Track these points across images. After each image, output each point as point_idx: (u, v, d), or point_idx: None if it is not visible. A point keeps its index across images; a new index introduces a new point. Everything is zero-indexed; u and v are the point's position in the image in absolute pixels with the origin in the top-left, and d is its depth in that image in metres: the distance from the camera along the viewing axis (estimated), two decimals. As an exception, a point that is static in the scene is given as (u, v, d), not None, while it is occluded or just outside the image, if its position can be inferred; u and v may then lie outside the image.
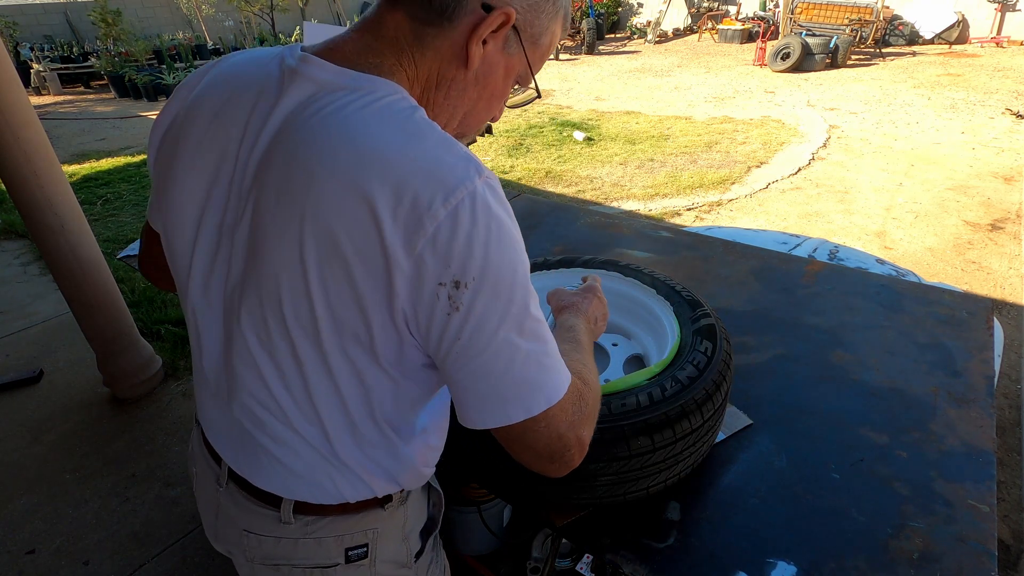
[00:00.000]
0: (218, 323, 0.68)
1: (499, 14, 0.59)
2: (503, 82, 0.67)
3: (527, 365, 0.56)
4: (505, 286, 0.54)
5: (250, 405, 0.68)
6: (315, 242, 0.54)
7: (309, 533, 0.74)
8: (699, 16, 13.12)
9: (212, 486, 0.81)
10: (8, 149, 2.18)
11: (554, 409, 0.58)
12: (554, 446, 0.59)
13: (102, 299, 2.56)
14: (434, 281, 0.52)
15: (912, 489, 0.96)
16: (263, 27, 14.55)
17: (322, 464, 0.69)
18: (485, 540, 1.57)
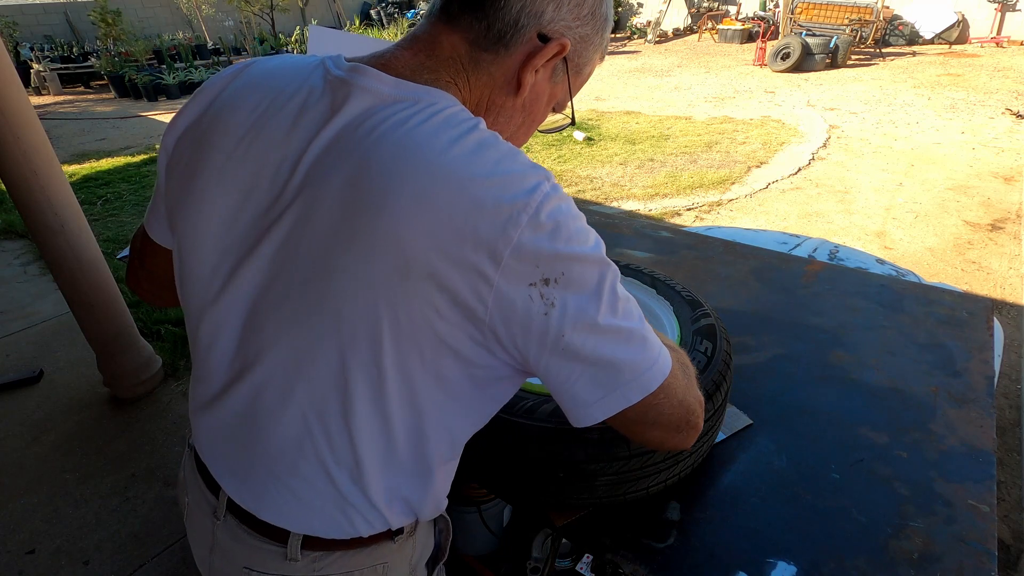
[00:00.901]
0: (236, 338, 0.63)
1: (555, 45, 0.60)
2: (545, 108, 0.68)
3: (631, 343, 0.56)
4: (591, 274, 0.54)
5: (269, 431, 0.63)
6: (390, 259, 0.52)
7: (317, 570, 0.69)
8: (699, 16, 13.12)
9: (208, 518, 0.74)
10: (8, 149, 2.18)
11: (669, 379, 0.58)
12: (678, 415, 0.60)
13: (102, 299, 2.56)
14: (525, 284, 0.52)
15: (912, 489, 0.96)
16: (263, 27, 14.55)
17: (339, 498, 0.65)
18: (485, 540, 1.57)
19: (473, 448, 0.95)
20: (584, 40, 0.64)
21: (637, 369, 0.56)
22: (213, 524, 0.73)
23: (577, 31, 0.62)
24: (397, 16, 16.60)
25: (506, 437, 0.88)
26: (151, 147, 7.49)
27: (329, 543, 0.68)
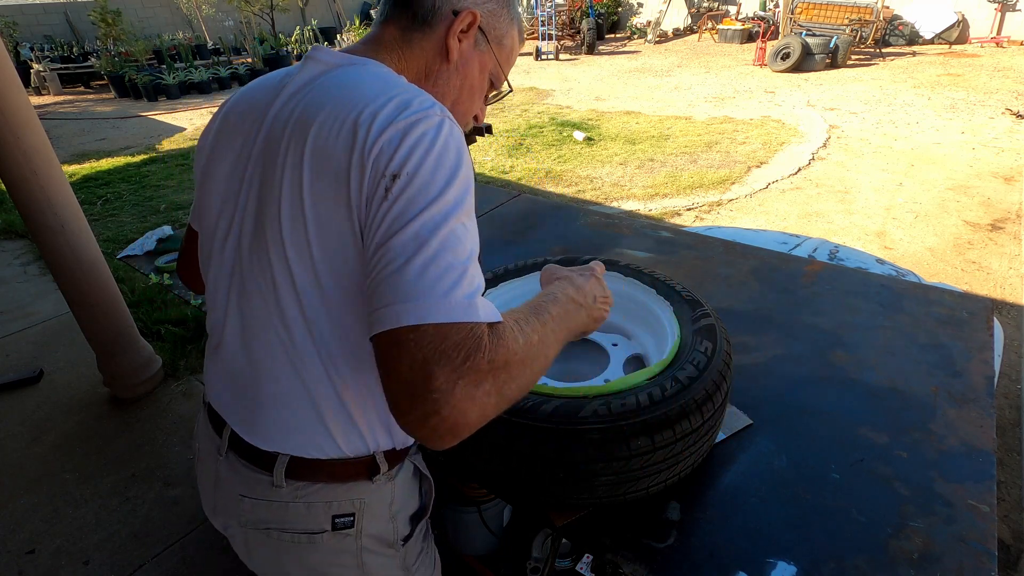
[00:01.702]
0: (228, 277, 0.76)
1: (466, 13, 0.75)
2: (479, 75, 0.81)
3: (427, 268, 0.55)
4: (435, 188, 0.59)
5: (253, 349, 0.74)
6: (311, 164, 0.64)
7: (299, 497, 0.77)
8: (699, 16, 13.11)
9: (213, 457, 0.84)
10: (8, 149, 2.18)
11: (430, 329, 0.53)
12: (416, 377, 0.52)
13: (102, 299, 2.56)
14: (379, 175, 0.59)
15: (912, 489, 0.96)
16: (263, 27, 14.55)
17: (315, 413, 0.73)
18: (485, 540, 1.57)
19: (473, 448, 0.95)
20: (493, 14, 0.79)
21: (412, 295, 0.54)
22: (216, 462, 0.83)
23: (484, 7, 0.77)
24: (397, 16, 16.57)
25: (506, 437, 0.88)
26: (151, 147, 7.49)
27: (311, 473, 0.76)
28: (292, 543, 0.79)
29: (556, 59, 11.95)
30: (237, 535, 0.85)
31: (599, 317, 0.82)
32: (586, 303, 0.79)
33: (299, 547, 0.80)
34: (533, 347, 0.62)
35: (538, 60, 11.97)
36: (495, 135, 6.72)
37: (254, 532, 0.81)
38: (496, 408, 0.57)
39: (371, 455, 0.79)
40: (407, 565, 0.89)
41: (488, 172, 5.74)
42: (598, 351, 1.20)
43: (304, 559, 0.81)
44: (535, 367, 0.62)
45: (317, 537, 0.79)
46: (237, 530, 0.84)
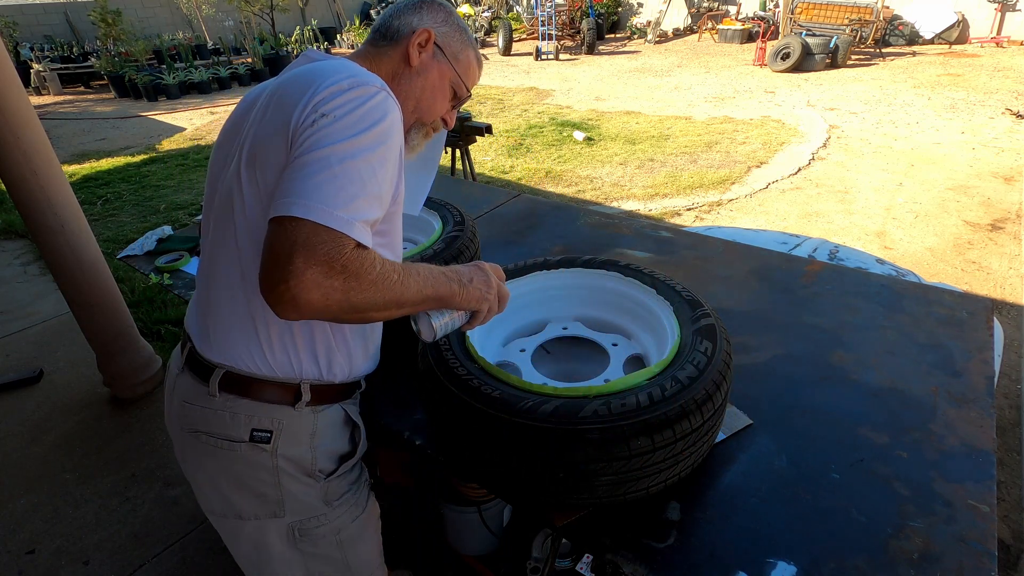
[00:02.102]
0: (207, 221, 0.92)
1: (423, 31, 0.96)
2: (439, 81, 0.99)
3: (325, 183, 0.70)
4: (352, 131, 0.75)
5: (212, 274, 0.90)
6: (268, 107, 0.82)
7: (227, 408, 0.91)
8: (699, 16, 13.11)
9: (173, 376, 1.00)
10: (8, 149, 2.19)
11: (308, 224, 0.68)
12: (282, 253, 0.67)
13: (102, 299, 2.56)
14: (312, 113, 0.76)
15: (912, 489, 0.96)
16: (263, 27, 14.55)
17: (252, 326, 0.88)
18: (485, 540, 1.57)
19: (473, 448, 0.95)
20: (447, 35, 0.99)
21: (305, 195, 0.69)
22: (176, 377, 0.99)
23: (438, 28, 0.98)
24: (397, 16, 16.56)
25: (506, 437, 0.88)
26: (151, 147, 7.49)
27: (241, 386, 0.90)
28: (215, 447, 0.92)
29: (556, 59, 11.95)
30: (177, 440, 0.99)
31: (476, 296, 0.90)
32: (458, 279, 0.88)
33: (221, 452, 0.92)
34: (388, 278, 0.75)
35: (538, 60, 11.97)
36: (495, 135, 6.72)
37: (188, 436, 0.94)
38: (340, 305, 0.70)
39: (297, 383, 0.92)
40: (328, 499, 0.99)
41: (488, 172, 5.74)
42: (598, 351, 1.20)
43: (226, 466, 0.93)
44: (385, 294, 0.75)
45: (236, 446, 0.91)
46: (177, 434, 0.98)
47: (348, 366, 0.97)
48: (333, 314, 0.72)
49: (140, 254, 2.10)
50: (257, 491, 0.94)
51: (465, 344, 1.05)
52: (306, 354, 0.91)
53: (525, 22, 14.44)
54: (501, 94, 9.28)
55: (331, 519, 1.00)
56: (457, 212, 1.59)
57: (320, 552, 1.02)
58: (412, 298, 0.80)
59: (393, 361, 1.34)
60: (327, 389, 0.96)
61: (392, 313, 0.79)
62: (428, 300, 0.84)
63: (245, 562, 1.05)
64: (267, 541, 0.98)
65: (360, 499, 1.06)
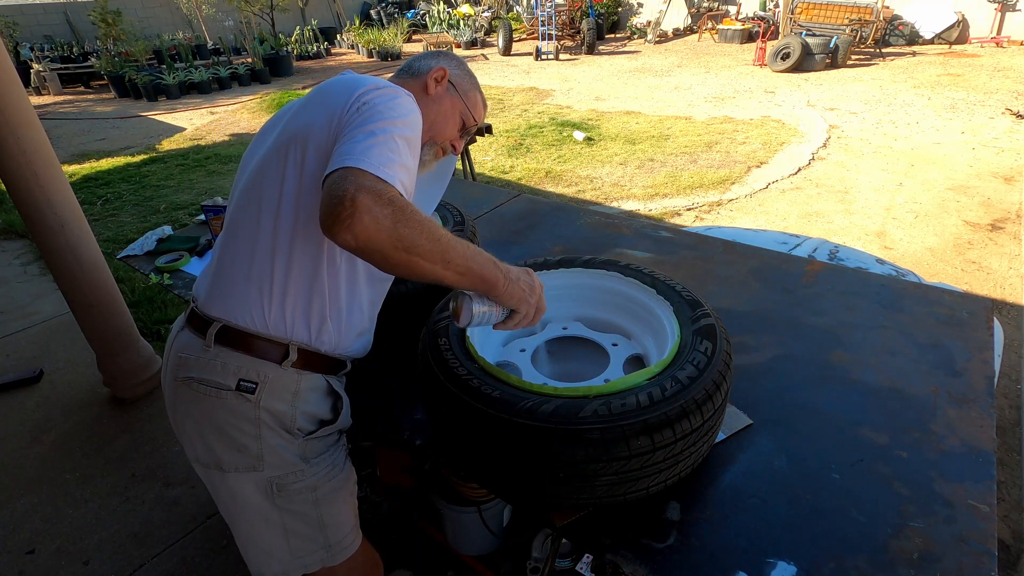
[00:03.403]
0: (237, 189, 1.04)
1: (439, 68, 1.14)
2: (451, 110, 1.16)
3: (371, 147, 0.83)
4: (388, 114, 0.89)
5: (228, 239, 1.01)
6: (321, 109, 0.95)
7: (219, 358, 0.99)
8: (699, 16, 13.11)
9: (173, 335, 1.08)
10: (8, 149, 2.19)
11: (358, 171, 0.79)
12: (338, 189, 0.77)
13: (102, 299, 2.56)
14: (355, 104, 0.91)
15: (912, 489, 0.96)
16: (263, 27, 14.55)
17: (253, 284, 0.97)
18: (485, 540, 1.57)
19: (473, 448, 0.95)
20: (459, 76, 1.18)
21: (356, 155, 0.81)
22: (175, 336, 1.07)
23: (453, 70, 1.17)
24: (397, 16, 16.59)
25: (506, 437, 0.88)
26: (151, 147, 7.49)
27: (235, 340, 0.98)
28: (204, 394, 0.99)
29: (556, 59, 11.95)
30: (169, 390, 1.05)
31: (518, 295, 0.94)
32: (505, 272, 0.93)
33: (208, 399, 0.99)
34: (434, 228, 0.83)
35: (538, 60, 11.97)
36: (495, 135, 6.72)
37: (180, 384, 1.01)
38: (389, 233, 0.77)
39: (286, 343, 0.99)
40: (306, 456, 1.06)
41: (488, 172, 5.74)
42: (598, 351, 1.20)
43: (212, 413, 1.00)
44: (432, 243, 0.81)
45: (223, 393, 0.98)
46: (170, 384, 1.04)
47: (336, 338, 1.04)
48: (384, 245, 0.77)
49: (140, 254, 2.11)
50: (239, 442, 1.00)
51: (465, 344, 1.05)
52: (299, 316, 0.99)
53: (525, 22, 14.44)
54: (501, 94, 9.28)
55: (307, 475, 1.05)
56: (457, 212, 1.59)
57: (296, 508, 1.07)
58: (457, 261, 0.85)
59: (393, 361, 1.34)
60: (313, 356, 1.02)
61: (440, 270, 0.84)
62: (473, 275, 0.88)
63: (225, 512, 1.11)
64: (246, 493, 1.04)
65: (337, 460, 1.12)
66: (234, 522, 1.09)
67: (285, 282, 0.96)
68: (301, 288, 0.98)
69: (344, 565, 1.17)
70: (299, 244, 0.95)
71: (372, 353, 1.18)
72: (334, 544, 1.14)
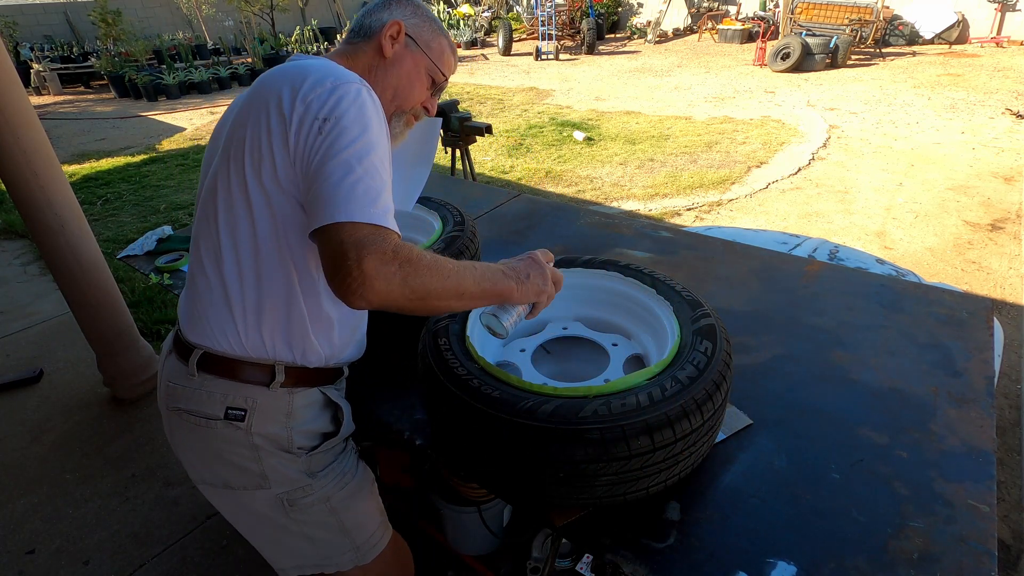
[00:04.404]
0: (199, 210, 0.96)
1: (392, 23, 1.00)
2: (415, 69, 1.03)
3: (354, 185, 0.76)
4: (355, 131, 0.80)
5: (196, 260, 0.94)
6: (255, 113, 0.85)
7: (204, 386, 0.95)
8: (699, 16, 13.11)
9: (163, 358, 1.05)
10: (8, 149, 2.18)
11: (346, 225, 0.74)
12: (339, 253, 0.73)
13: (102, 299, 2.56)
14: (312, 118, 0.81)
15: (912, 489, 0.96)
16: (263, 27, 14.54)
17: (226, 310, 0.92)
18: (485, 540, 1.57)
19: (473, 448, 0.95)
20: (417, 26, 1.03)
21: (342, 202, 0.75)
22: (164, 359, 1.04)
23: (408, 20, 1.02)
24: (397, 16, 16.56)
25: (506, 437, 0.88)
26: (151, 147, 7.49)
27: (217, 366, 0.94)
28: (195, 424, 0.96)
29: (556, 59, 11.95)
30: (164, 418, 1.02)
31: (535, 290, 0.94)
32: (515, 276, 0.92)
33: (200, 429, 0.96)
34: (443, 266, 0.80)
35: (538, 60, 11.97)
36: (495, 135, 6.72)
37: (173, 414, 0.99)
38: (402, 289, 0.75)
39: (271, 364, 0.95)
40: (312, 470, 1.02)
41: (488, 172, 5.74)
42: (598, 351, 1.20)
43: (208, 443, 0.97)
44: (443, 281, 0.79)
45: (212, 423, 0.95)
46: (165, 412, 1.01)
47: (326, 351, 1.00)
48: (399, 301, 0.75)
49: (140, 254, 2.10)
50: (239, 465, 0.97)
51: (465, 344, 1.05)
52: (279, 337, 0.94)
53: (525, 22, 14.44)
54: (501, 94, 9.28)
55: (316, 489, 1.02)
56: (457, 212, 1.59)
57: (313, 519, 1.04)
58: (471, 289, 0.84)
59: (393, 361, 1.34)
60: (303, 371, 0.98)
61: (456, 303, 0.83)
62: (488, 295, 0.88)
63: (242, 527, 1.08)
64: (259, 509, 1.02)
65: (347, 467, 1.08)
66: (253, 534, 1.07)
67: (258, 305, 0.91)
68: (276, 309, 0.92)
69: (376, 562, 1.15)
70: (266, 266, 0.89)
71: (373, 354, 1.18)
72: (361, 544, 1.12)
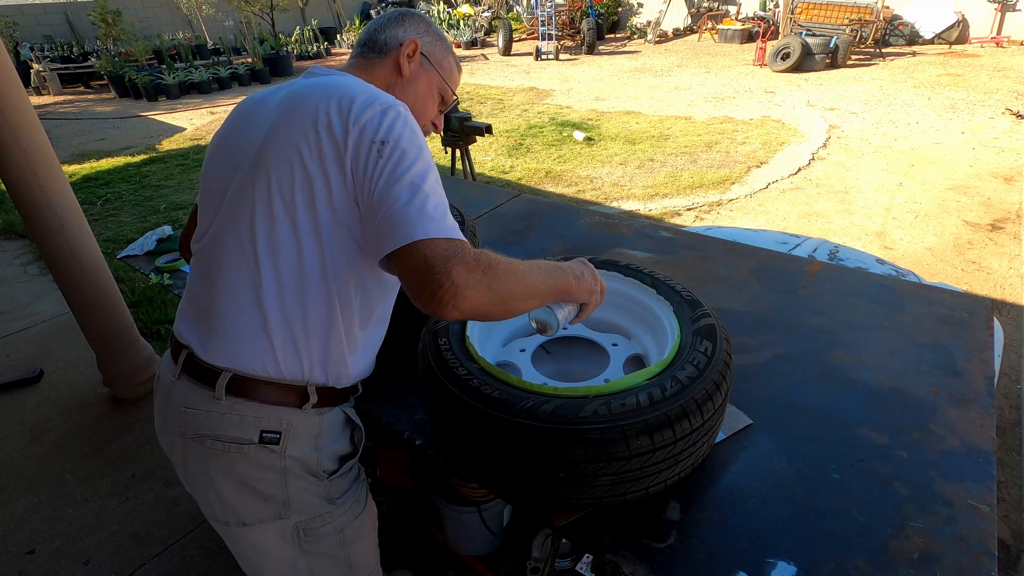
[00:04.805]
0: (212, 217, 0.94)
1: (410, 42, 1.04)
2: (428, 88, 1.08)
3: (424, 204, 0.78)
4: (413, 153, 0.82)
5: (216, 281, 0.91)
6: (300, 132, 0.85)
7: (234, 410, 0.91)
8: (699, 16, 13.11)
9: (168, 382, 0.98)
10: (8, 149, 2.18)
11: (427, 242, 0.76)
12: (424, 268, 0.75)
13: (102, 299, 2.56)
14: (369, 141, 0.82)
15: (912, 489, 0.96)
16: (263, 27, 14.54)
17: (262, 334, 0.89)
18: (485, 540, 1.57)
19: (473, 448, 0.95)
20: (431, 44, 1.07)
21: (414, 221, 0.77)
22: (171, 385, 0.97)
23: (422, 38, 1.06)
24: (397, 16, 16.56)
25: (506, 437, 0.88)
26: (151, 147, 7.49)
27: (249, 389, 0.91)
28: (222, 451, 0.92)
29: (556, 59, 11.95)
30: (177, 448, 0.97)
31: (588, 288, 0.96)
32: (572, 273, 0.94)
33: (228, 455, 0.92)
34: (517, 268, 0.82)
35: (538, 60, 11.97)
36: (495, 135, 6.72)
37: (191, 442, 0.94)
38: (488, 294, 0.76)
39: (304, 385, 0.93)
40: (331, 497, 1.01)
41: (488, 172, 5.74)
42: (598, 351, 1.20)
43: (232, 468, 0.93)
44: (520, 280, 0.82)
45: (245, 448, 0.91)
46: (178, 441, 0.96)
47: (355, 373, 1.00)
48: (485, 307, 0.77)
49: (140, 254, 2.11)
50: (263, 493, 0.95)
51: (465, 344, 1.05)
52: (316, 360, 0.93)
53: (525, 22, 14.44)
54: (501, 94, 9.28)
55: (335, 517, 1.02)
56: (457, 212, 1.59)
57: (323, 551, 1.03)
58: (541, 288, 0.87)
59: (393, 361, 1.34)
60: (331, 392, 0.98)
61: (530, 303, 0.85)
62: (553, 291, 0.90)
63: (247, 566, 1.06)
64: (270, 544, 1.00)
65: (360, 496, 1.09)
66: (258, 573, 1.05)
67: (298, 330, 0.90)
68: (316, 335, 0.91)
69: None
70: (310, 292, 0.88)
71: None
72: None
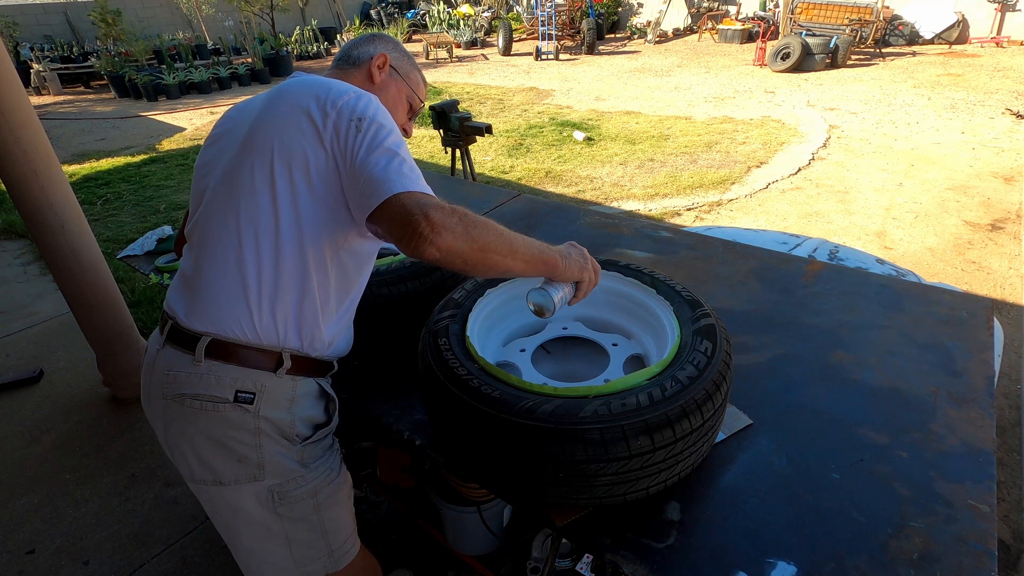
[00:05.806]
0: (200, 202, 1.03)
1: (380, 55, 1.17)
2: (397, 96, 1.20)
3: (401, 166, 0.89)
4: (388, 126, 0.94)
5: (202, 252, 0.99)
6: (283, 116, 0.96)
7: (212, 372, 0.97)
8: (699, 16, 13.11)
9: (153, 353, 1.05)
10: (8, 149, 2.18)
11: (405, 194, 0.85)
12: (404, 216, 0.83)
13: (102, 299, 2.56)
14: (347, 120, 0.93)
15: (912, 489, 0.96)
16: (263, 27, 14.55)
17: (241, 297, 0.96)
18: (485, 540, 1.57)
19: (473, 448, 0.95)
20: (398, 59, 1.21)
21: (393, 179, 0.87)
22: (156, 354, 1.04)
23: (391, 53, 1.19)
24: (397, 16, 16.59)
25: (506, 437, 0.88)
26: (151, 147, 7.49)
27: (226, 352, 0.97)
28: (200, 410, 0.98)
29: (556, 59, 11.95)
30: (159, 412, 1.03)
31: (577, 266, 1.01)
32: (558, 251, 0.99)
33: (205, 414, 0.98)
34: (494, 223, 0.89)
35: (538, 60, 11.97)
36: (495, 135, 6.72)
37: (172, 403, 0.99)
38: (465, 238, 0.83)
39: (279, 351, 0.99)
40: (305, 461, 1.06)
41: (488, 172, 5.74)
42: (598, 351, 1.20)
43: (209, 427, 0.98)
44: (499, 235, 0.88)
45: (221, 406, 0.97)
46: (159, 404, 1.02)
47: (327, 342, 1.05)
48: (464, 251, 0.83)
49: (140, 254, 2.11)
50: (238, 453, 0.99)
51: (465, 344, 1.05)
52: (291, 324, 0.99)
53: (525, 22, 14.44)
54: (501, 94, 9.28)
55: (308, 480, 1.06)
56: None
57: (297, 515, 1.07)
58: (523, 251, 0.92)
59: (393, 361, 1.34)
60: (305, 361, 1.03)
61: (511, 262, 0.90)
62: (538, 261, 0.95)
63: (224, 528, 1.09)
64: (246, 506, 1.03)
65: (333, 464, 1.13)
66: (234, 537, 1.09)
67: (274, 293, 0.97)
68: (290, 298, 0.98)
69: (346, 571, 1.18)
70: (285, 255, 0.95)
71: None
72: (336, 549, 1.14)
